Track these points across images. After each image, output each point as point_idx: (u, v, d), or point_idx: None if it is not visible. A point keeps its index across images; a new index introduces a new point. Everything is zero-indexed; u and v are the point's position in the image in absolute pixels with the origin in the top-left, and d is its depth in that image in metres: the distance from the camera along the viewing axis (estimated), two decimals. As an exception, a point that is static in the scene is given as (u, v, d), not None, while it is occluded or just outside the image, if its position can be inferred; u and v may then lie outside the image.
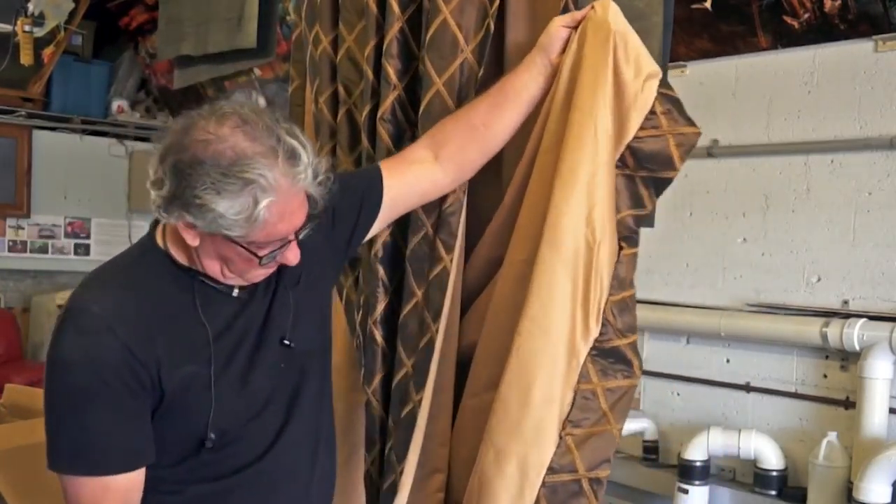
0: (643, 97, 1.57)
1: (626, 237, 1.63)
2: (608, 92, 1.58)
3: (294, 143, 1.34)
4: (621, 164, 1.60)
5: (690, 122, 1.60)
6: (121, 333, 1.33)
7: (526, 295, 1.61)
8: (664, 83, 1.60)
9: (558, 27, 1.64)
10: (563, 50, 1.65)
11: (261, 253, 1.36)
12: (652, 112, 1.58)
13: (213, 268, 1.40)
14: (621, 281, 1.61)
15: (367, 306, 1.95)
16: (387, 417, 1.92)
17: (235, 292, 1.44)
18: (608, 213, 1.59)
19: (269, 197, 1.31)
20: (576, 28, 1.64)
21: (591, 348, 1.58)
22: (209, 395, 1.38)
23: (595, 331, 1.58)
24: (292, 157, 1.33)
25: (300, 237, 1.40)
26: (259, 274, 1.42)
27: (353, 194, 1.64)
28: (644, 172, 1.61)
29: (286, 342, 1.48)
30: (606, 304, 1.59)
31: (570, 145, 1.59)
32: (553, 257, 1.59)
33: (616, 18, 1.59)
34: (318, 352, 1.58)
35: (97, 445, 1.34)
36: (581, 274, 1.57)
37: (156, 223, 1.46)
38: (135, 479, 1.35)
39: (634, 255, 1.65)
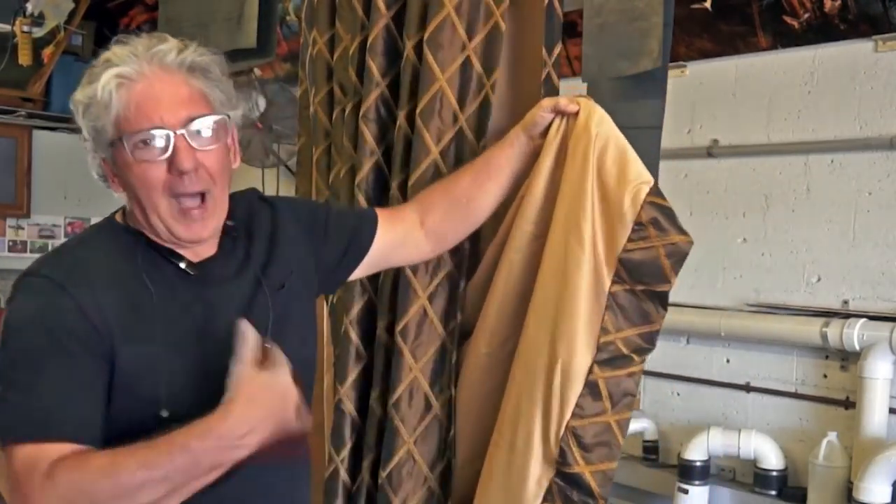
0: (626, 207, 1.53)
1: (621, 357, 1.57)
2: (588, 208, 1.55)
3: (168, 39, 1.34)
4: (619, 279, 1.56)
5: (681, 231, 1.55)
6: (74, 293, 1.29)
7: (501, 411, 1.64)
8: (655, 191, 1.55)
9: (541, 114, 1.63)
10: (546, 132, 1.64)
11: (139, 154, 1.30)
12: (639, 222, 1.53)
13: (148, 201, 1.34)
14: (593, 404, 1.55)
15: (342, 304, 1.96)
16: (358, 416, 1.93)
17: (183, 264, 1.38)
18: (583, 335, 1.55)
19: (118, 69, 1.29)
20: (560, 115, 1.62)
21: (556, 472, 1.57)
22: (160, 377, 1.30)
23: (556, 454, 1.56)
24: (154, 40, 1.32)
25: (194, 139, 1.33)
26: (175, 181, 1.33)
27: (346, 221, 1.64)
28: (641, 286, 1.57)
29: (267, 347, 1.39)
30: (567, 428, 1.55)
31: (548, 265, 1.59)
32: (522, 377, 1.60)
33: (600, 126, 1.56)
34: (302, 367, 1.49)
35: (48, 406, 1.24)
36: (541, 396, 1.56)
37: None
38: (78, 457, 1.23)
39: (629, 374, 1.58)
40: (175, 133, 1.31)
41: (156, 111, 1.30)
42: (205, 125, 1.34)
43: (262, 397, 1.22)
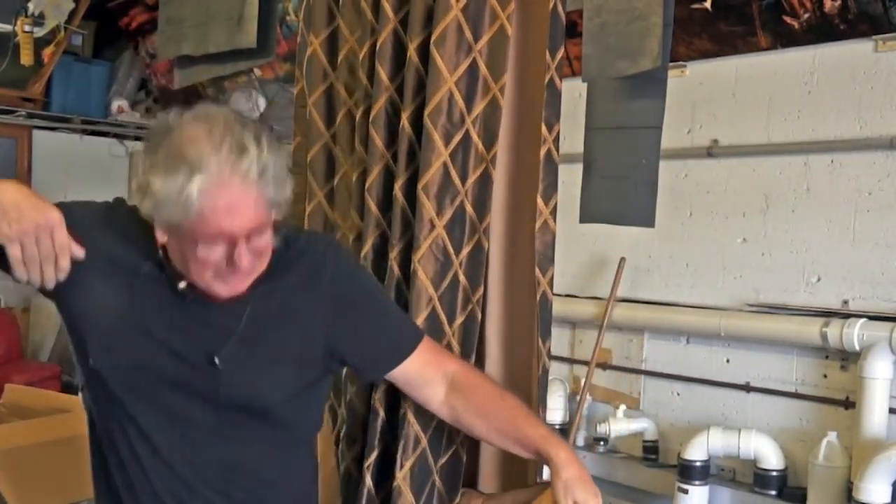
0: None
1: None
2: None
3: (246, 137, 1.36)
4: None
5: None
6: (97, 235, 1.45)
7: None
8: None
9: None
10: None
11: (201, 249, 1.37)
12: None
13: (196, 274, 1.42)
14: None
15: None
16: (368, 415, 1.93)
17: (182, 286, 1.46)
18: None
19: (201, 177, 1.32)
20: None
21: None
22: (94, 329, 1.45)
23: None
24: (239, 148, 1.34)
25: (252, 242, 1.39)
26: (229, 279, 1.42)
27: (389, 329, 1.68)
28: None
29: (215, 360, 1.46)
30: None
31: None
32: None
33: None
34: (269, 414, 1.55)
35: None
36: None
37: None
38: None
39: None
40: (240, 240, 1.38)
41: (229, 224, 1.36)
42: (266, 234, 1.42)
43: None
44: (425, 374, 1.69)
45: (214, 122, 1.36)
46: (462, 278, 1.86)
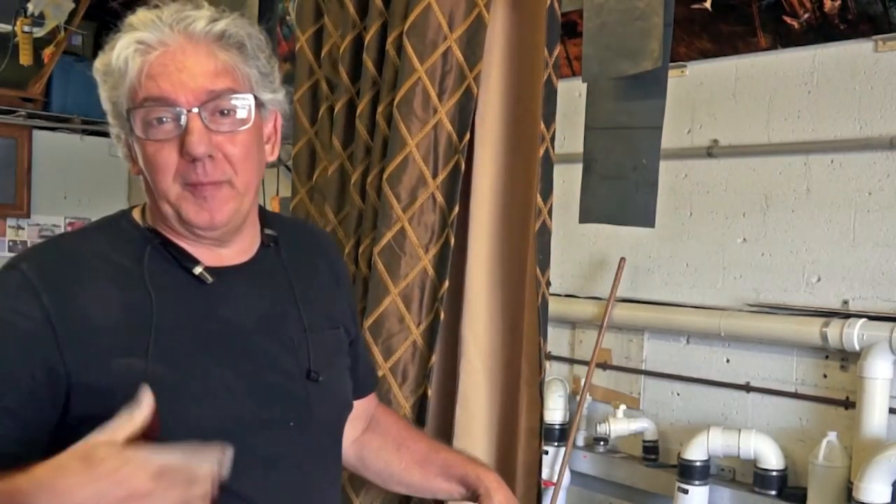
0: None
1: None
2: None
3: (202, 5, 1.17)
4: None
5: None
6: (47, 298, 1.09)
7: None
8: None
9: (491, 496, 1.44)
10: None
11: (151, 133, 1.11)
12: None
13: (158, 187, 1.16)
14: None
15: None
16: None
17: (198, 269, 1.19)
18: None
19: (133, 33, 1.13)
20: None
21: None
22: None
23: None
24: (188, 6, 1.16)
25: (206, 118, 1.13)
26: (187, 168, 1.13)
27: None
28: None
29: (314, 374, 1.22)
30: None
31: None
32: None
33: None
34: (340, 416, 1.35)
35: None
36: None
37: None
38: None
39: None
40: (189, 111, 1.12)
41: (171, 84, 1.11)
42: (227, 105, 1.15)
43: (110, 475, 0.91)
44: (358, 410, 1.44)
45: (170, 4, 1.18)
46: (431, 273, 1.83)
